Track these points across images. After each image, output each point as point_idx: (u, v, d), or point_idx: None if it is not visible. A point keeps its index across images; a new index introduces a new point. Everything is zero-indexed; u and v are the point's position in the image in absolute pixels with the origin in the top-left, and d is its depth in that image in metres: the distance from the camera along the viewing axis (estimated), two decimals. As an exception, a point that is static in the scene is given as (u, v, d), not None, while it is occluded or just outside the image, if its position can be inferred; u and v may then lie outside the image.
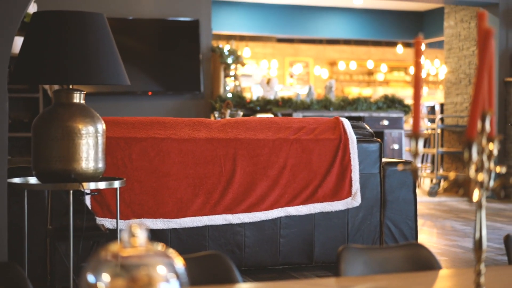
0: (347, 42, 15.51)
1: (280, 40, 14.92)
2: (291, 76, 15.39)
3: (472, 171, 1.55)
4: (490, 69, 1.76)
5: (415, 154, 1.70)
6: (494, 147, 1.74)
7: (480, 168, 1.65)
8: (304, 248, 4.33)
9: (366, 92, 15.63)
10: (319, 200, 4.22)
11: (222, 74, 7.83)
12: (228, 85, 7.94)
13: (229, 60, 7.78)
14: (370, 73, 16.47)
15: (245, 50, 13.94)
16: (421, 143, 1.70)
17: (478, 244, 1.66)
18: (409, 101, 9.52)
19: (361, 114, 8.36)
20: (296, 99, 8.07)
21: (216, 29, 11.86)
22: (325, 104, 7.99)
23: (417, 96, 1.71)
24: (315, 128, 4.29)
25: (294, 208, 4.21)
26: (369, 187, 4.41)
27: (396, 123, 8.67)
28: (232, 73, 7.89)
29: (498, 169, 1.74)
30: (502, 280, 2.10)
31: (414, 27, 13.06)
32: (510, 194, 8.67)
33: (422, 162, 10.67)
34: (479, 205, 1.64)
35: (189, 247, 4.07)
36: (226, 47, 8.01)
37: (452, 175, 1.61)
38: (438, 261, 2.26)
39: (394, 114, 8.65)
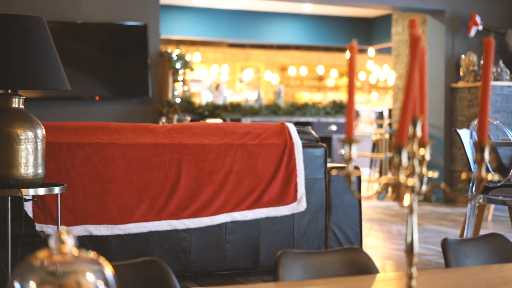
0: (297, 47, 15.60)
1: (231, 45, 14.93)
2: (241, 81, 15.40)
3: (402, 176, 1.57)
4: (422, 75, 1.79)
5: (348, 159, 1.72)
6: (426, 152, 1.76)
7: (411, 173, 1.67)
8: (250, 253, 4.33)
9: (316, 97, 15.75)
10: (264, 205, 4.23)
11: (170, 79, 7.79)
12: (176, 90, 7.90)
13: (178, 65, 7.75)
14: (321, 78, 16.59)
15: (196, 55, 13.91)
16: (354, 148, 1.72)
17: (409, 248, 1.68)
18: (356, 106, 9.60)
19: (310, 119, 8.42)
20: (245, 104, 8.08)
21: (166, 34, 11.81)
22: (273, 109, 8.02)
23: (350, 102, 1.72)
24: (261, 134, 4.30)
25: (239, 213, 4.21)
26: (315, 192, 4.44)
27: (344, 128, 8.75)
28: (180, 78, 7.86)
29: (431, 173, 1.77)
30: (437, 284, 2.13)
31: (363, 33, 13.20)
32: (456, 198, 8.80)
33: (370, 167, 10.78)
34: (410, 209, 1.66)
35: (133, 253, 4.03)
36: (175, 52, 7.98)
37: (383, 179, 1.63)
38: (376, 265, 2.28)
39: (342, 120, 8.73)
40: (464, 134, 5.10)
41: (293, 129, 4.38)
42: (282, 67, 16.03)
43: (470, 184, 4.98)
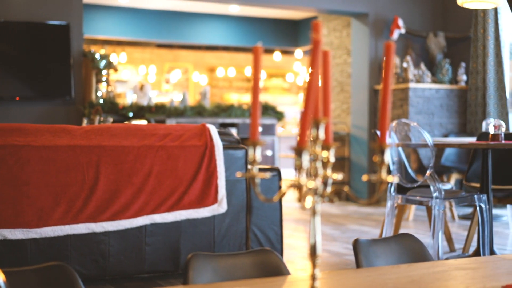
0: (226, 48, 15.60)
1: (159, 46, 14.81)
2: (167, 82, 15.29)
3: (303, 178, 1.58)
4: (325, 78, 1.80)
5: (252, 162, 1.72)
6: (330, 154, 1.78)
7: (315, 175, 1.69)
8: (170, 255, 4.30)
9: (245, 98, 15.78)
10: (185, 207, 4.21)
11: (94, 79, 7.67)
12: (100, 91, 7.78)
13: (101, 65, 7.63)
14: (249, 79, 16.63)
15: (122, 55, 13.74)
16: (258, 150, 1.72)
17: (312, 249, 1.69)
18: (283, 108, 9.68)
19: (235, 120, 8.42)
20: (170, 106, 8.02)
21: (92, 34, 11.63)
22: (198, 110, 7.99)
23: (254, 104, 1.73)
24: (181, 135, 4.27)
25: (159, 215, 4.18)
26: (235, 194, 4.44)
27: (269, 130, 8.80)
28: (104, 78, 7.75)
29: (335, 176, 1.79)
30: (345, 284, 2.15)
31: (290, 35, 13.30)
32: (380, 198, 8.97)
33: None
34: (313, 211, 1.67)
35: (50, 257, 3.95)
36: (99, 52, 7.86)
37: (287, 181, 1.64)
38: (287, 267, 2.29)
39: (267, 121, 8.77)
40: (383, 136, 5.18)
41: (214, 131, 4.37)
42: (211, 68, 16.00)
43: (389, 185, 5.07)
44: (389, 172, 5.25)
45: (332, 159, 1.78)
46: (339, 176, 1.78)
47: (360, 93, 9.51)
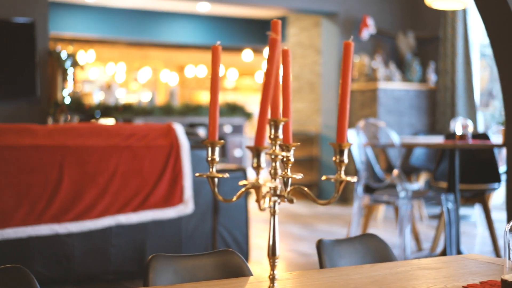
0: (196, 47, 15.53)
1: (128, 44, 14.70)
2: (136, 81, 15.18)
3: (260, 178, 1.56)
4: (285, 78, 1.78)
5: (211, 162, 1.69)
6: (290, 154, 1.76)
7: (274, 175, 1.66)
8: (136, 256, 4.24)
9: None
10: (150, 208, 4.16)
11: (60, 78, 7.56)
12: (66, 90, 7.67)
13: (67, 64, 7.53)
14: (220, 78, 16.58)
15: (91, 54, 13.61)
16: (217, 151, 1.69)
17: (271, 250, 1.66)
18: (254, 107, 9.65)
19: (204, 120, 8.38)
20: (137, 105, 7.96)
21: (59, 31, 11.49)
22: (167, 110, 7.93)
23: (213, 103, 1.69)
24: (147, 135, 4.23)
25: (124, 216, 4.12)
26: (202, 194, 4.40)
27: (238, 130, 8.77)
28: (70, 77, 7.65)
29: (296, 175, 1.76)
30: (307, 285, 2.13)
31: (260, 34, 13.28)
32: (348, 198, 8.99)
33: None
34: (271, 212, 1.65)
35: (12, 259, 3.88)
36: (66, 50, 7.75)
37: (244, 182, 1.61)
38: (249, 268, 2.26)
39: (236, 121, 8.74)
40: (350, 135, 5.19)
41: (180, 131, 4.33)
42: (181, 67, 15.92)
43: (356, 185, 5.07)
44: (356, 172, 5.25)
45: (292, 159, 1.76)
46: (298, 176, 1.76)
47: (330, 93, 9.52)
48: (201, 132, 6.76)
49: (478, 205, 5.77)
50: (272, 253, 1.64)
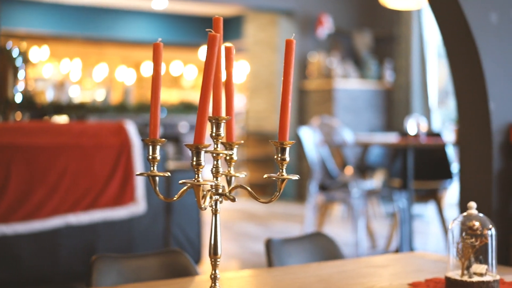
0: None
1: (85, 41, 14.52)
2: (91, 79, 14.99)
3: (200, 177, 1.53)
4: (228, 77, 1.75)
5: (152, 160, 1.65)
6: (233, 153, 1.73)
7: (216, 174, 1.63)
8: (86, 257, 4.16)
9: (174, 95, 15.62)
10: (101, 207, 4.09)
11: (11, 76, 7.41)
12: (18, 88, 7.52)
13: (19, 61, 7.38)
14: (177, 76, 16.48)
15: (45, 51, 13.40)
16: (157, 149, 1.66)
17: (213, 250, 1.64)
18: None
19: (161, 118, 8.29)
20: (92, 103, 7.86)
21: (12, 27, 11.28)
22: (121, 108, 7.85)
23: (155, 100, 1.66)
24: (97, 134, 4.16)
25: (74, 216, 4.05)
26: (154, 194, 4.34)
27: (194, 128, 8.72)
28: (22, 74, 7.50)
29: (239, 174, 1.74)
30: (253, 284, 2.11)
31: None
32: (305, 196, 9.00)
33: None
34: (213, 211, 1.62)
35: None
36: (18, 47, 7.59)
37: (182, 181, 1.58)
38: (196, 268, 2.24)
39: (193, 119, 8.69)
40: (305, 133, 5.19)
41: (132, 129, 4.27)
42: (137, 64, 15.79)
43: (309, 184, 5.07)
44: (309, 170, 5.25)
45: (235, 157, 1.74)
46: (241, 175, 1.73)
47: (287, 92, 9.51)
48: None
49: (432, 203, 5.83)
50: (213, 253, 1.62)
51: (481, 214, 1.94)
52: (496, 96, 3.98)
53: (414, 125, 5.08)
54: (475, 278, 1.86)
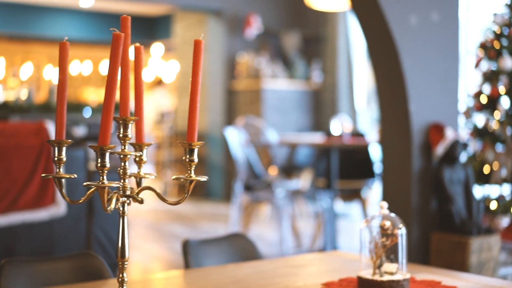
0: (81, 43, 15.16)
1: (10, 39, 14.16)
2: (15, 77, 14.62)
3: (105, 179, 1.50)
4: (137, 76, 1.72)
5: (58, 162, 1.62)
6: (142, 154, 1.70)
7: (123, 175, 1.61)
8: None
9: (103, 93, 15.41)
10: (20, 209, 3.98)
11: None
12: None
13: None
14: (104, 76, 16.26)
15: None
16: (63, 150, 1.62)
17: (120, 253, 1.61)
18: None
19: (86, 119, 8.16)
20: (15, 103, 7.66)
21: None
22: (45, 108, 7.68)
23: (60, 101, 1.62)
24: (16, 133, 4.04)
25: (-8, 219, 3.92)
26: (77, 195, 4.25)
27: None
28: None
29: (148, 175, 1.71)
30: (167, 286, 2.09)
31: (147, 31, 13.11)
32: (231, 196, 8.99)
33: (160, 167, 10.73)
34: (120, 213, 1.59)
35: None
36: None
37: (86, 184, 1.54)
38: (109, 271, 2.20)
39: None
40: (231, 133, 5.18)
41: (53, 129, 4.17)
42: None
43: (234, 184, 5.07)
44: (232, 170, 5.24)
45: (145, 158, 1.71)
46: (151, 176, 1.71)
47: (217, 92, 9.51)
48: (80, 130, 6.58)
49: (357, 202, 5.91)
50: (121, 256, 1.59)
51: (392, 214, 1.97)
52: (416, 97, 4.06)
53: (338, 125, 5.13)
54: (386, 277, 1.89)
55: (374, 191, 6.45)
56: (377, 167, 5.67)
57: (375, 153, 5.72)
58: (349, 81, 9.03)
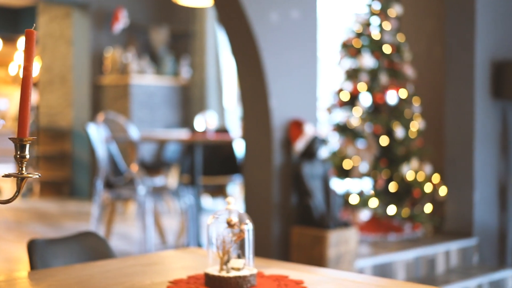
0: None
1: None
2: None
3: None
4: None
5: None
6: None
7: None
8: None
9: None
10: None
11: None
12: None
13: None
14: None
15: None
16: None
17: None
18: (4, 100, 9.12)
19: None
20: None
21: None
22: None
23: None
24: None
25: None
26: None
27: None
28: None
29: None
30: (13, 287, 1.99)
31: (11, 23, 12.61)
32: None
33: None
34: None
35: None
36: None
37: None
38: None
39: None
40: (92, 130, 5.06)
41: None
42: None
43: (95, 181, 4.95)
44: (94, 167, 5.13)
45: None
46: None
47: (83, 86, 9.27)
48: None
49: (222, 198, 5.92)
50: None
51: (240, 210, 1.96)
52: (277, 93, 4.10)
53: (202, 121, 5.12)
54: (232, 273, 1.87)
55: (239, 186, 6.49)
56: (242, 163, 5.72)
57: (240, 149, 5.75)
58: (217, 78, 9.05)
